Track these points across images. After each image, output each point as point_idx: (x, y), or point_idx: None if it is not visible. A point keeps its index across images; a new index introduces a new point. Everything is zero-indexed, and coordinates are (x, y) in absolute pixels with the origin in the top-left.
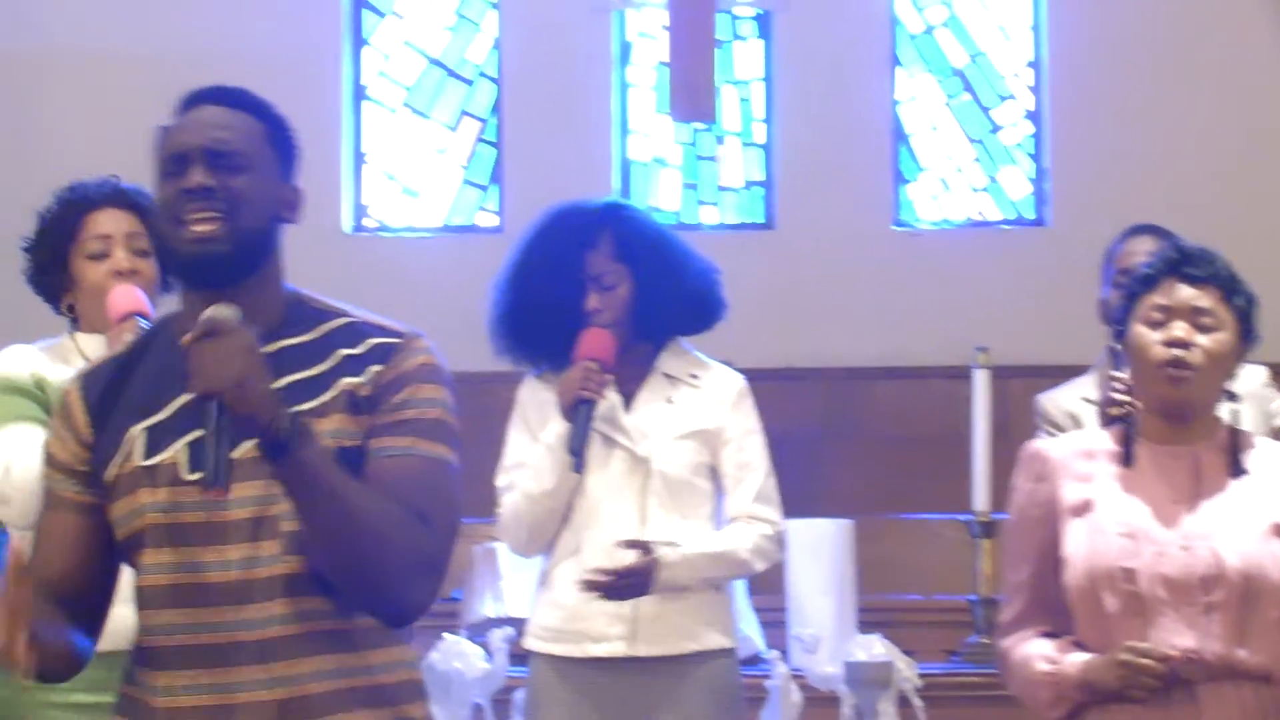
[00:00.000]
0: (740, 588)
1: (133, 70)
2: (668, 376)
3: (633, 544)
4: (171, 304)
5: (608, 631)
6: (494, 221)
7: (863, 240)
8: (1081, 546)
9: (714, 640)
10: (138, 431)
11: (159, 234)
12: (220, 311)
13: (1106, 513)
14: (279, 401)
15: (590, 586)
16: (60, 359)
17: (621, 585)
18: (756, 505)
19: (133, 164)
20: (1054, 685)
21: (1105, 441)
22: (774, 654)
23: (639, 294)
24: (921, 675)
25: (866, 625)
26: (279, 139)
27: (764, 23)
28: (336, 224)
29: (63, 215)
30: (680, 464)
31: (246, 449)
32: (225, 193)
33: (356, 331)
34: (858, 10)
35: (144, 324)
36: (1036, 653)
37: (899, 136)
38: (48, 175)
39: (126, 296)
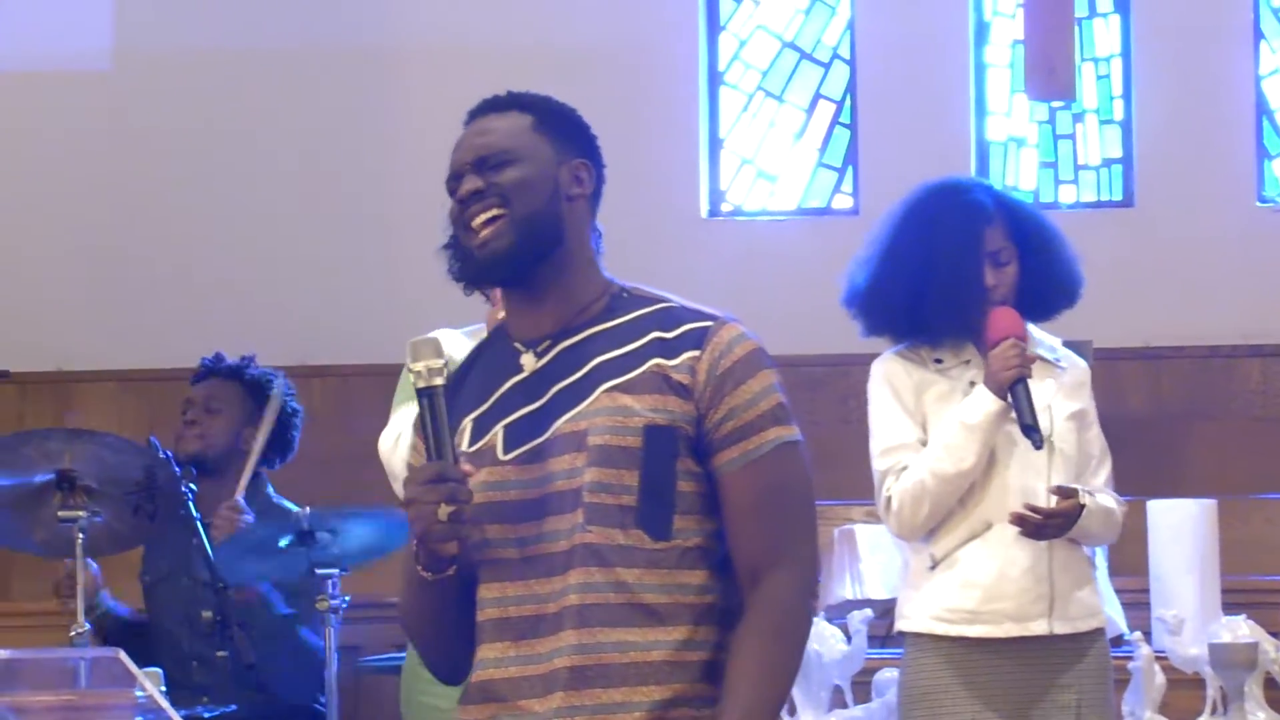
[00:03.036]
0: (1103, 567)
1: (492, 60)
2: (1042, 358)
3: (1061, 489)
4: None
5: (1030, 610)
6: (849, 204)
7: (1225, 217)
8: None
9: (1103, 619)
10: (467, 422)
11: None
12: None
13: None
14: None
15: (1019, 521)
16: (477, 340)
17: (1049, 525)
18: (1107, 488)
19: None
20: None
21: None
22: (1137, 635)
23: (1025, 273)
24: None
25: (1231, 606)
26: (549, 122)
27: None
28: (695, 209)
29: None
30: (1072, 442)
31: (557, 427)
32: (495, 189)
33: (671, 316)
34: None
35: None
36: None
37: (1262, 110)
38: (411, 168)
39: None
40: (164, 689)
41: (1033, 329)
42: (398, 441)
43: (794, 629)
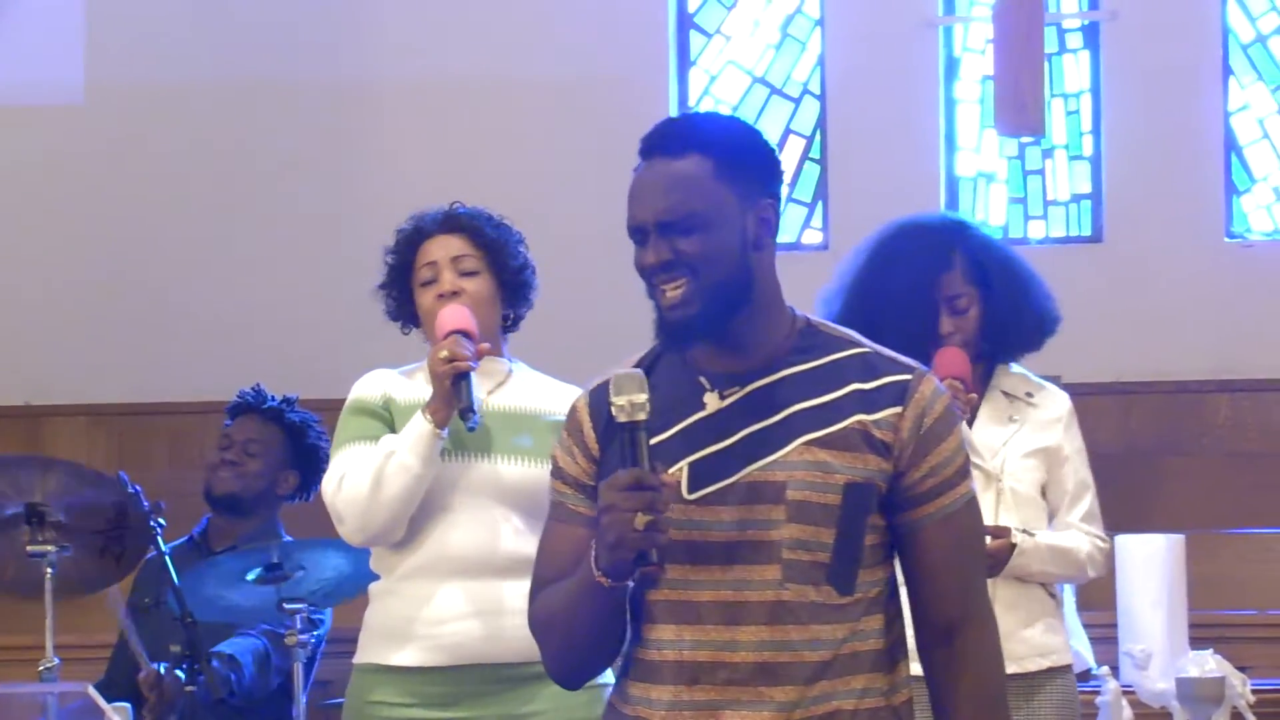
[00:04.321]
0: (1070, 602)
1: (465, 95)
2: (1006, 395)
3: (989, 529)
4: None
5: None
6: (819, 239)
7: (1194, 252)
8: None
9: (1062, 657)
10: None
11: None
12: None
13: None
14: None
15: None
16: (413, 379)
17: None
18: (1086, 523)
19: (469, 188)
20: None
21: None
22: (1104, 670)
23: (988, 316)
24: (1255, 691)
25: (1199, 641)
26: (731, 165)
27: (1091, 34)
28: None
29: (400, 249)
30: (1027, 481)
31: (749, 472)
32: (683, 258)
33: (868, 365)
34: (1187, 20)
35: (466, 341)
36: None
37: (1230, 146)
38: (387, 201)
39: (452, 315)
40: None
41: (1006, 367)
42: (340, 484)
43: (1003, 683)
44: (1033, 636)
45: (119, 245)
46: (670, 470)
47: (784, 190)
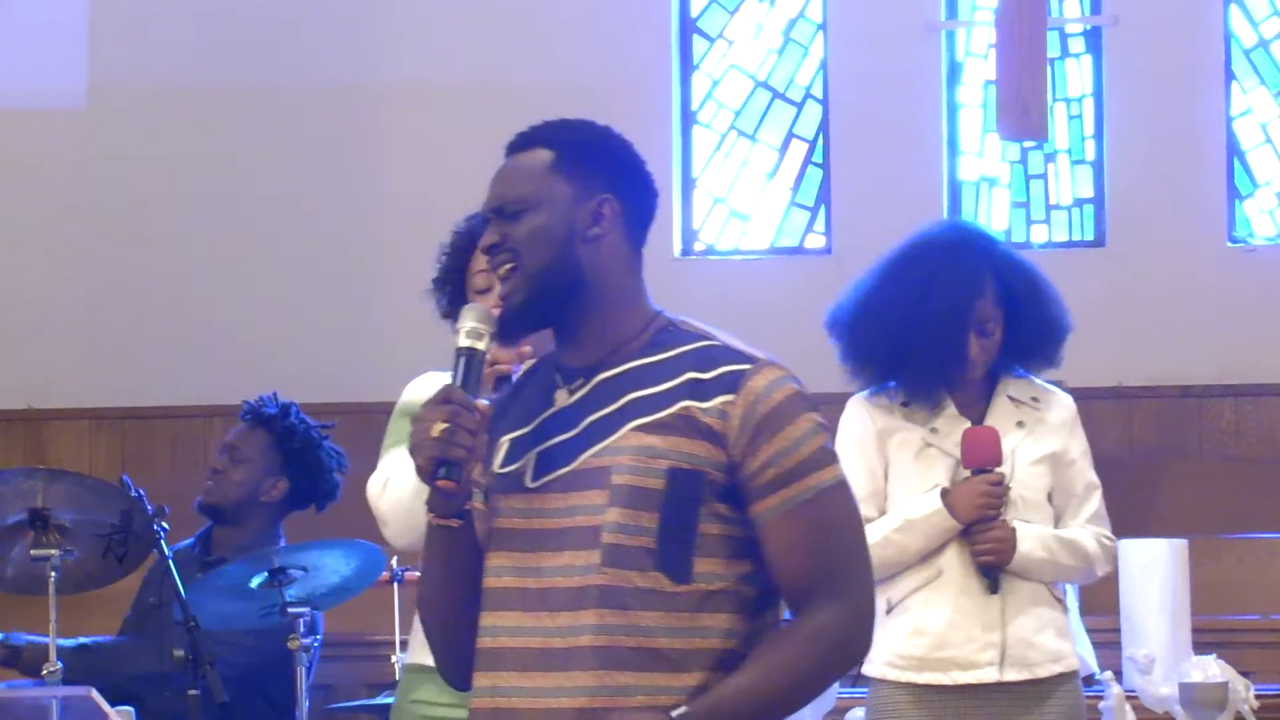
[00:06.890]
0: (1074, 607)
1: (466, 101)
2: (1012, 400)
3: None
4: None
5: (978, 658)
6: (822, 243)
7: (1197, 257)
8: None
9: (1070, 662)
10: (504, 441)
11: None
12: None
13: None
14: None
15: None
16: None
17: (999, 549)
18: (1093, 524)
19: (468, 194)
20: None
21: None
22: (1108, 675)
23: (1012, 335)
24: (1259, 696)
25: (1202, 646)
26: (570, 158)
27: (1093, 39)
28: (667, 248)
29: (454, 249)
30: (1036, 487)
31: (583, 459)
32: (508, 242)
33: (709, 356)
34: (1190, 24)
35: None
36: None
37: (1233, 151)
38: (390, 205)
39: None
40: None
41: (1011, 371)
42: (385, 486)
43: (824, 645)
44: (1045, 642)
45: (121, 249)
46: (521, 460)
47: (651, 198)
